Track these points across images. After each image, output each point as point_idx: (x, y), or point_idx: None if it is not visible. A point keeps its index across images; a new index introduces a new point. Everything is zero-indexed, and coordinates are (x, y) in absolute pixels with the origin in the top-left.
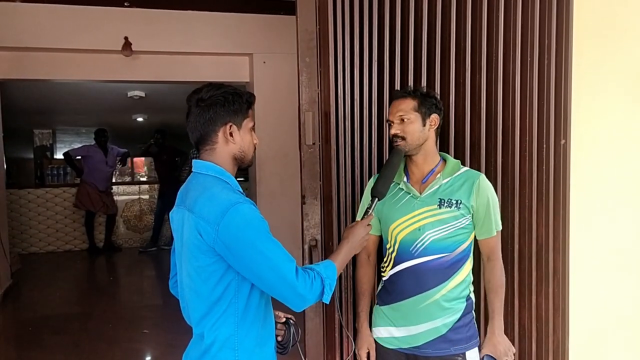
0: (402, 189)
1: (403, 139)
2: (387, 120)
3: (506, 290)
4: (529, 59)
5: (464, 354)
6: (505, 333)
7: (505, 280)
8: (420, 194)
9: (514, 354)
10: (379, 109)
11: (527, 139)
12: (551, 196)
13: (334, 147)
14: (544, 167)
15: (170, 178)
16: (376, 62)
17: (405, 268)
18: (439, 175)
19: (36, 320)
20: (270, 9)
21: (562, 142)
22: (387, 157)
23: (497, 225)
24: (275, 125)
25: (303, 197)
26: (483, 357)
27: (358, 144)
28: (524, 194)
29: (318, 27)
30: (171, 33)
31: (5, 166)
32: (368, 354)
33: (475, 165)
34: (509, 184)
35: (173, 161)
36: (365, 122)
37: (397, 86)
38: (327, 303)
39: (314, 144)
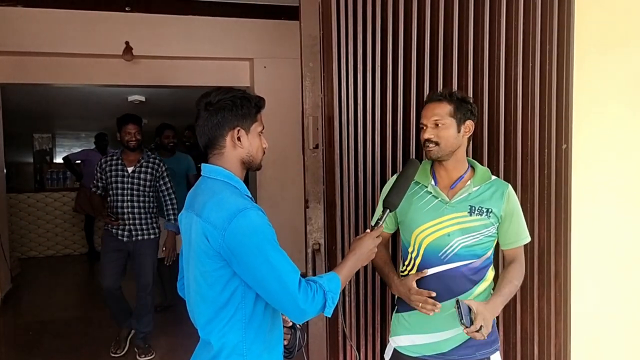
0: (430, 193)
1: (437, 144)
2: (420, 123)
3: None
4: (530, 64)
5: (488, 358)
6: (507, 337)
7: None
8: (450, 199)
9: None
10: (382, 113)
11: (529, 143)
12: (553, 200)
13: (337, 151)
14: (545, 172)
15: None
16: (379, 67)
17: (433, 274)
18: (469, 182)
19: (36, 324)
20: (271, 14)
21: (564, 146)
22: (396, 166)
23: (527, 236)
24: (275, 129)
25: (306, 201)
26: (459, 302)
27: (361, 148)
28: (525, 198)
29: (321, 32)
30: (172, 38)
31: (4, 170)
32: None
33: None
34: None
35: None
36: (369, 126)
37: (400, 90)
38: (329, 316)
39: (316, 146)
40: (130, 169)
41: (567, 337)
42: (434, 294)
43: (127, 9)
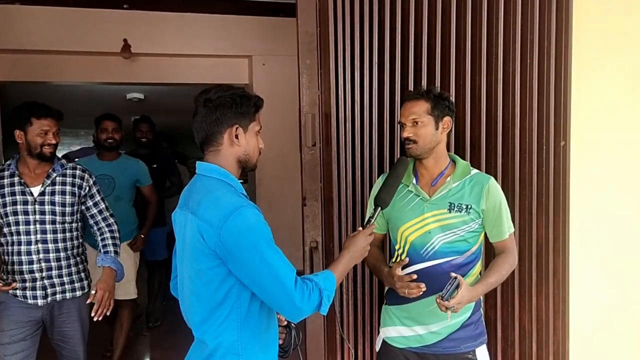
0: (412, 192)
1: (415, 142)
2: (399, 122)
3: (506, 291)
4: (528, 61)
5: (473, 351)
6: (506, 334)
7: (505, 282)
8: (430, 197)
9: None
10: (380, 111)
11: (527, 140)
12: (551, 197)
13: (334, 148)
14: (543, 169)
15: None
16: (377, 64)
17: (416, 270)
18: (448, 178)
19: None
20: (270, 11)
21: (562, 143)
22: (393, 164)
23: (509, 228)
24: (274, 127)
25: (304, 199)
26: (454, 279)
27: (359, 146)
28: (523, 195)
29: (318, 29)
30: (170, 35)
31: None
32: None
33: (475, 166)
34: (509, 185)
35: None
36: (366, 124)
37: (398, 88)
38: (325, 314)
39: (314, 144)
40: (35, 190)
41: (565, 335)
42: (414, 277)
43: (125, 6)
